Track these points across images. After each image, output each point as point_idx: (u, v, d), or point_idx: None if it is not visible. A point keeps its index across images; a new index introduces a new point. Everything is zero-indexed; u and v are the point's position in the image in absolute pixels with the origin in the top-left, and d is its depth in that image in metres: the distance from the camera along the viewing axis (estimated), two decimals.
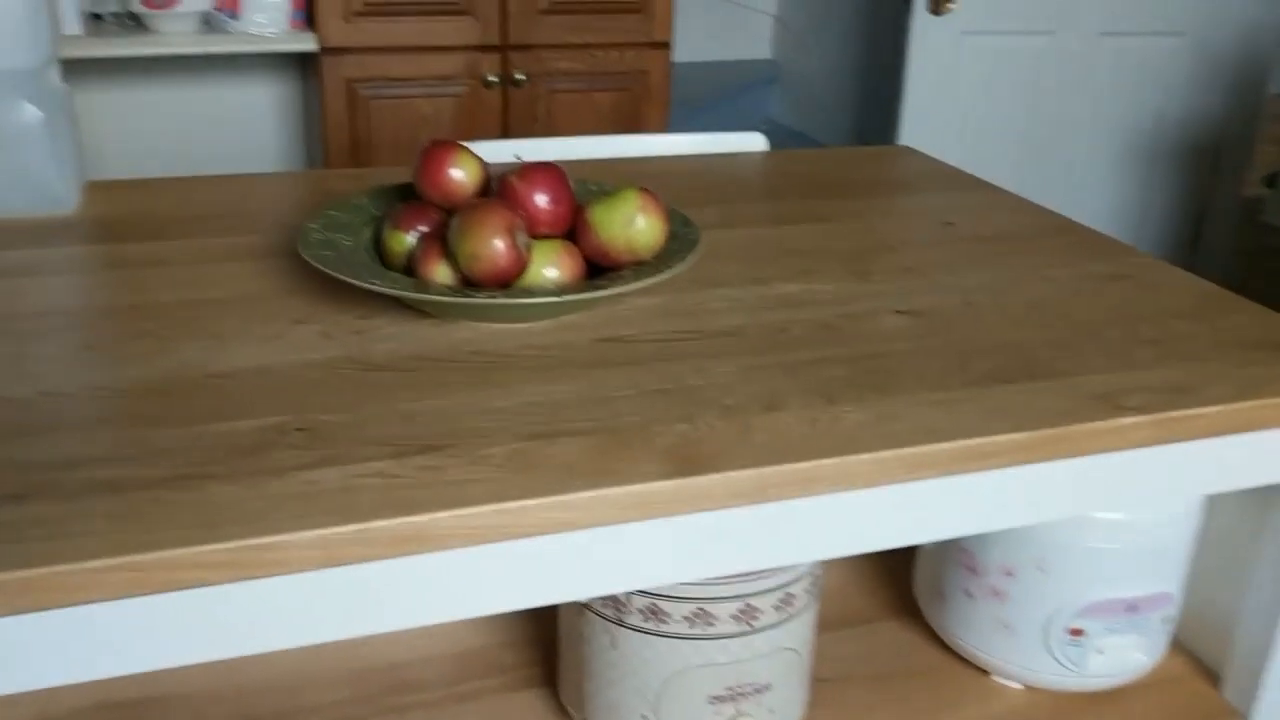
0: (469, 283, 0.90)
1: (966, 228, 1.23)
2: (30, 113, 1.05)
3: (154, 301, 0.96)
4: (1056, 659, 1.04)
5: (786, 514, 0.78)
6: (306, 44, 2.10)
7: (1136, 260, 1.15)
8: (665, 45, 2.33)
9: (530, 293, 0.87)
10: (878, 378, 0.87)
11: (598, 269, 0.94)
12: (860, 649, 1.13)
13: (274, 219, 1.17)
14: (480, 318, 0.91)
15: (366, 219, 1.01)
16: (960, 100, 2.97)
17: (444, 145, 0.96)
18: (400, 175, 1.33)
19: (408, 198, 1.06)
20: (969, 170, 1.48)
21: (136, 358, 0.86)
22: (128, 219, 1.15)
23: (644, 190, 0.92)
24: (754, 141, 1.52)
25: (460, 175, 0.95)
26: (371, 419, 0.78)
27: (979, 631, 1.07)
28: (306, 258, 0.90)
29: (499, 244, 0.86)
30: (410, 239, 0.94)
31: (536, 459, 0.74)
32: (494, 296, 0.86)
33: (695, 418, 0.80)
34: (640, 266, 0.92)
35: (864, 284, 1.06)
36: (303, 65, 2.42)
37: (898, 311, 1.00)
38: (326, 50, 2.10)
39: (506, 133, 2.28)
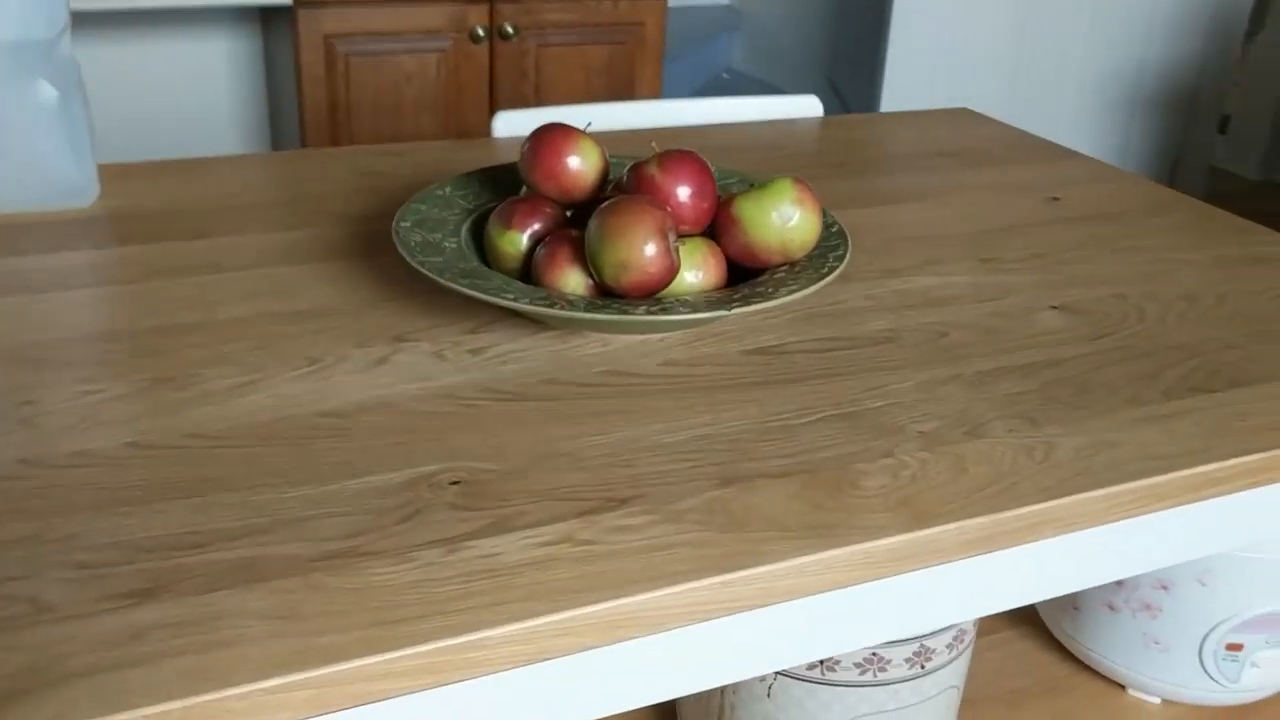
0: (605, 291, 0.78)
1: (1073, 203, 1.14)
2: (46, 92, 0.89)
3: (217, 319, 0.82)
4: (1209, 674, 0.97)
5: (1010, 560, 0.69)
6: None
7: (1262, 239, 1.07)
8: None
9: (691, 304, 0.76)
10: (1068, 391, 0.78)
11: (739, 269, 0.82)
12: (988, 665, 1.05)
13: (322, 208, 1.03)
14: (620, 331, 0.80)
15: (459, 213, 0.88)
16: (944, 47, 2.88)
17: (560, 130, 0.83)
18: (447, 152, 1.19)
19: (498, 186, 0.93)
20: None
21: (220, 394, 0.73)
22: (158, 213, 1.00)
23: (798, 180, 0.81)
24: (809, 106, 1.41)
25: (580, 164, 0.83)
26: (533, 464, 0.67)
27: (1120, 646, 1.00)
28: (417, 267, 0.77)
29: (652, 249, 0.74)
30: (525, 239, 0.82)
31: (739, 511, 0.64)
32: (660, 309, 0.74)
33: (895, 450, 0.70)
34: (792, 267, 0.81)
35: (1000, 274, 0.96)
36: (263, 20, 2.23)
37: (1052, 307, 0.91)
38: (302, 2, 1.92)
39: (494, 91, 2.13)
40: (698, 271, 0.80)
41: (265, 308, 0.84)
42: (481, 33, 2.06)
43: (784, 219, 0.80)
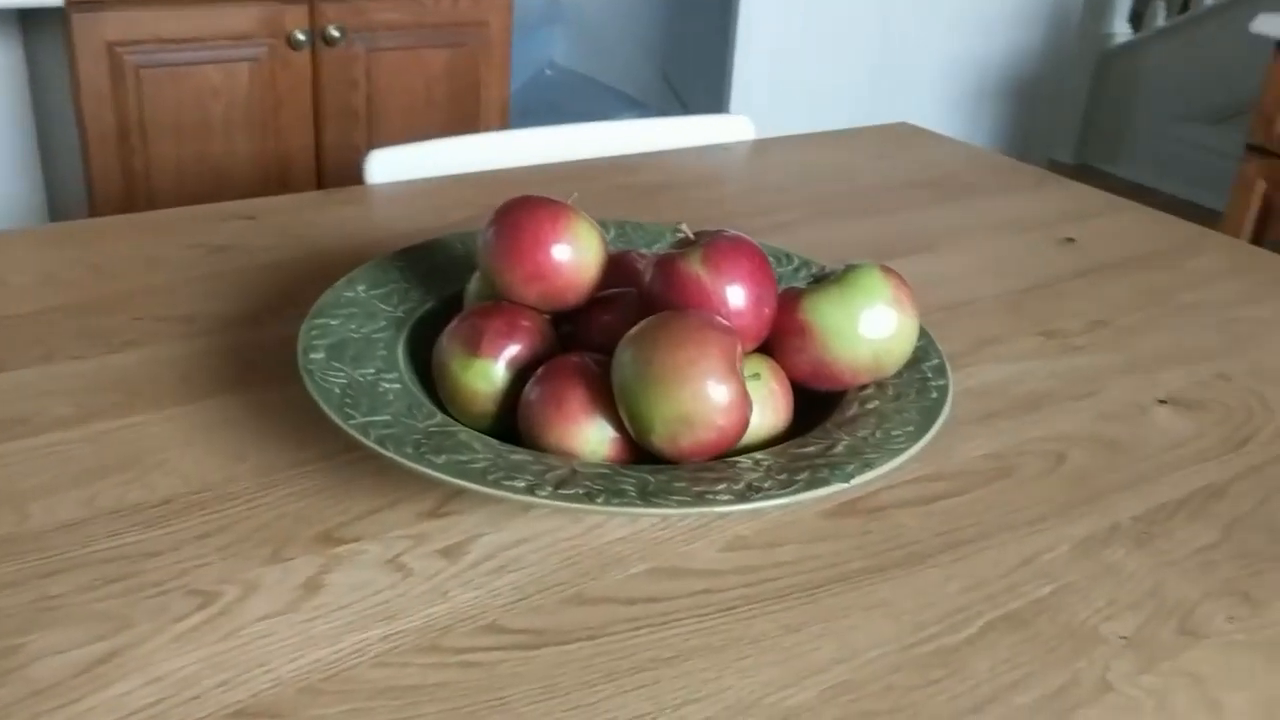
0: (641, 448, 0.53)
1: (1092, 244, 0.96)
2: None
3: (25, 530, 0.53)
4: None
5: None
6: None
7: None
8: None
9: (782, 469, 0.51)
10: (1261, 539, 0.58)
11: (804, 392, 0.58)
12: None
13: (152, 310, 0.73)
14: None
15: (387, 327, 0.61)
16: (793, 42, 2.72)
17: (542, 208, 0.57)
18: (312, 209, 0.90)
19: (433, 276, 0.66)
20: (821, 119, 1.20)
21: (58, 686, 0.44)
22: None
23: (887, 270, 0.58)
24: (738, 127, 1.18)
25: (574, 257, 0.57)
26: None
27: None
28: (374, 448, 0.50)
29: (725, 395, 0.50)
30: (501, 370, 0.56)
31: None
32: (755, 484, 0.49)
33: (1108, 675, 0.48)
34: (880, 388, 0.58)
35: (1073, 354, 0.76)
36: (23, 25, 1.83)
37: (1160, 402, 0.71)
38: (75, 3, 1.56)
39: (319, 105, 1.81)
40: (761, 407, 0.55)
41: (102, 502, 0.54)
42: (302, 37, 1.74)
43: (877, 328, 0.56)
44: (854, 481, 0.50)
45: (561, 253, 0.57)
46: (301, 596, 0.49)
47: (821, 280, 0.59)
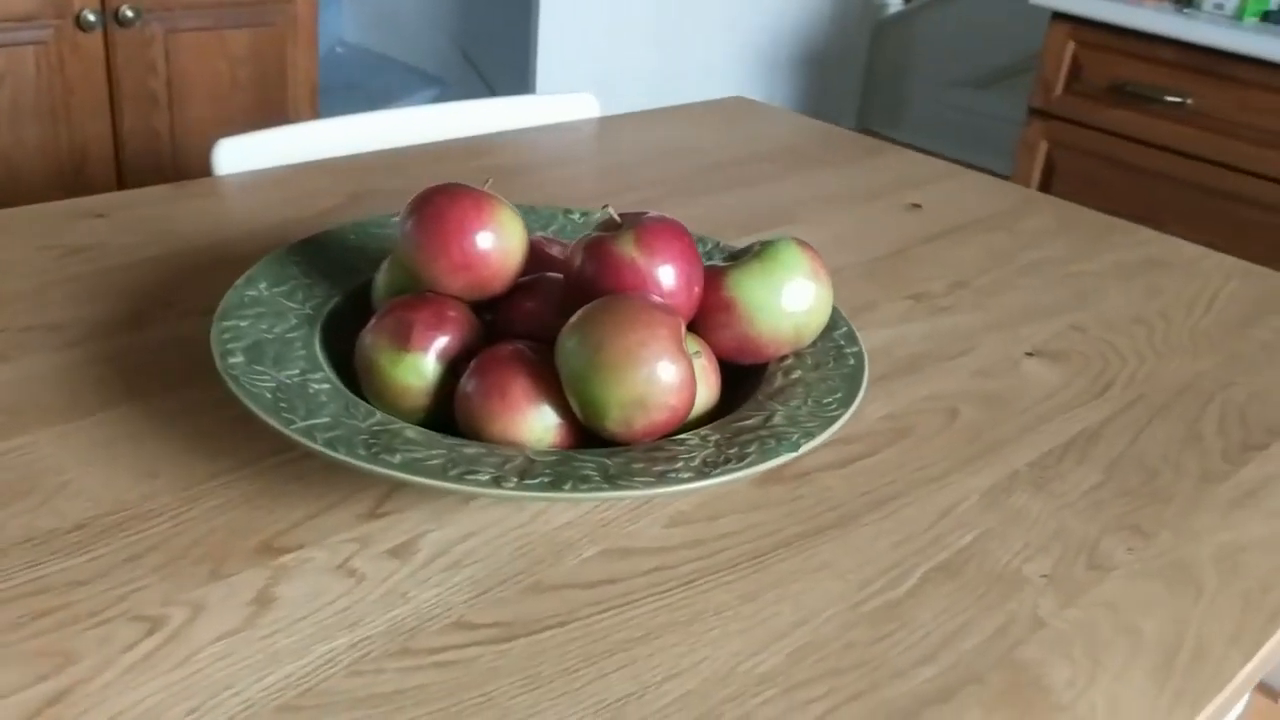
0: (588, 433, 0.53)
1: (937, 210, 1.01)
2: None
3: None
4: None
5: None
6: None
7: (1135, 237, 1.00)
8: None
9: (731, 444, 0.52)
10: (1136, 478, 0.63)
11: (729, 367, 0.60)
12: None
13: (18, 320, 0.68)
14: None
15: (298, 326, 0.58)
16: (597, 20, 2.73)
17: (464, 196, 0.56)
18: (167, 204, 0.85)
19: (332, 270, 0.64)
20: (609, 88, 1.25)
21: None
22: None
23: (803, 244, 0.59)
24: (584, 105, 1.18)
25: (497, 244, 0.56)
26: None
27: None
28: (324, 452, 0.48)
29: (673, 374, 0.50)
30: (432, 363, 0.55)
31: None
32: (717, 461, 0.50)
33: (1039, 612, 0.52)
34: (799, 359, 0.60)
35: (941, 314, 0.81)
36: None
37: (1028, 354, 0.77)
38: None
39: (114, 90, 1.69)
40: (699, 384, 0.56)
41: (9, 533, 0.51)
42: (92, 18, 1.62)
43: (798, 301, 0.58)
44: (802, 450, 0.52)
45: (487, 241, 0.56)
46: (255, 612, 0.47)
47: (739, 257, 0.60)
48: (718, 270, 0.59)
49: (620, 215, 0.57)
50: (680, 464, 0.50)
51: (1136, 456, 0.66)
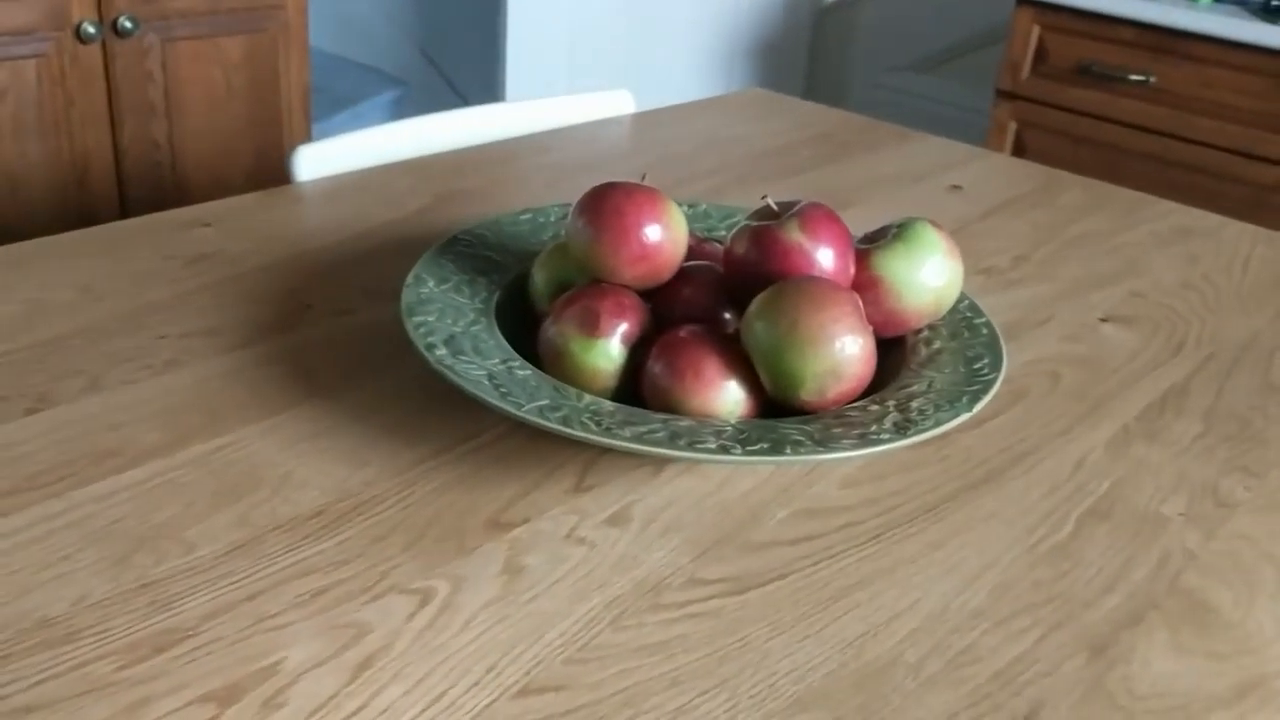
0: (777, 404, 0.58)
1: (977, 191, 1.07)
2: None
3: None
4: None
5: None
6: None
7: (1165, 209, 1.07)
8: None
9: (913, 408, 0.57)
10: (1230, 424, 0.70)
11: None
12: None
13: (173, 327, 0.70)
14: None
15: (476, 320, 0.62)
16: (564, 16, 2.76)
17: (635, 193, 0.60)
18: (260, 211, 0.87)
19: (478, 269, 0.67)
20: (579, 86, 1.31)
21: None
22: None
23: (935, 224, 0.65)
24: (620, 102, 1.22)
25: (666, 237, 0.61)
26: (873, 703, 0.47)
27: None
28: (547, 426, 0.52)
29: (859, 346, 0.55)
30: (618, 347, 0.59)
31: (1142, 688, 0.48)
32: (904, 418, 0.55)
33: (1188, 544, 0.58)
34: (934, 330, 0.65)
35: (1015, 288, 0.87)
36: None
37: (1102, 320, 0.83)
38: None
39: (114, 101, 1.69)
40: None
41: (257, 520, 0.54)
42: (92, 29, 1.62)
43: (936, 276, 0.64)
44: (975, 409, 0.57)
45: (661, 233, 0.61)
46: (509, 580, 0.51)
47: (875, 239, 0.65)
48: (862, 251, 0.64)
49: (776, 204, 0.62)
50: (874, 427, 0.55)
51: (1226, 407, 0.72)
